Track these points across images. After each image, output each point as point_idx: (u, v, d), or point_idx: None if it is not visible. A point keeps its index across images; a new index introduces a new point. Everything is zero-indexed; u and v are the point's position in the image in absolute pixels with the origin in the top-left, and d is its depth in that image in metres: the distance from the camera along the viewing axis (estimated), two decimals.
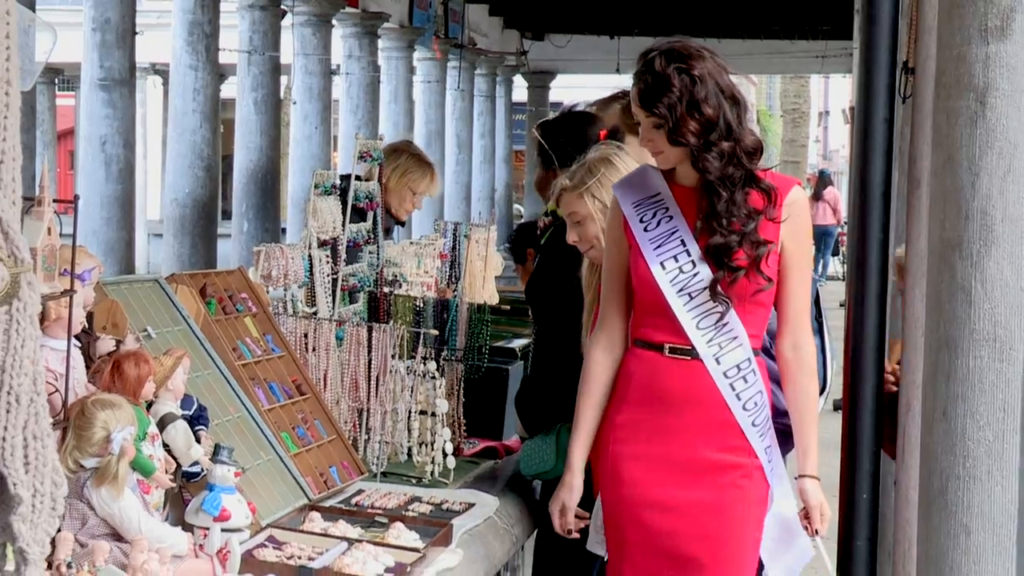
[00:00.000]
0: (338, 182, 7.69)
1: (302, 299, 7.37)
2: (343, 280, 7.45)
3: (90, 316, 5.10)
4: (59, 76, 31.14)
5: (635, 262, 4.85)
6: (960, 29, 3.77)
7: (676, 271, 4.71)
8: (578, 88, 23.92)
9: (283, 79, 20.27)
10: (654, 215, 4.81)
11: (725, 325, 4.69)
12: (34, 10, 3.73)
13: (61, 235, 4.49)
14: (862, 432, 5.45)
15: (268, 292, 7.19)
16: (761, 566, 5.09)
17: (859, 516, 5.43)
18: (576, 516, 5.15)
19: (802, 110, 43.92)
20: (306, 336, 7.03)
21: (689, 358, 4.72)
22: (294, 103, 21.06)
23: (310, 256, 7.41)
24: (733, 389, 4.68)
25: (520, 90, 36.96)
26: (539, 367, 7.25)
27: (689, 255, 4.72)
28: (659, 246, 4.77)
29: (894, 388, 5.64)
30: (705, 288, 4.66)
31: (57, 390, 4.61)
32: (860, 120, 5.84)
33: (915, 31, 5.75)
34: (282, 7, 19.26)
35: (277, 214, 19.12)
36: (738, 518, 4.75)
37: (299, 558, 5.25)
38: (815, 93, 42.60)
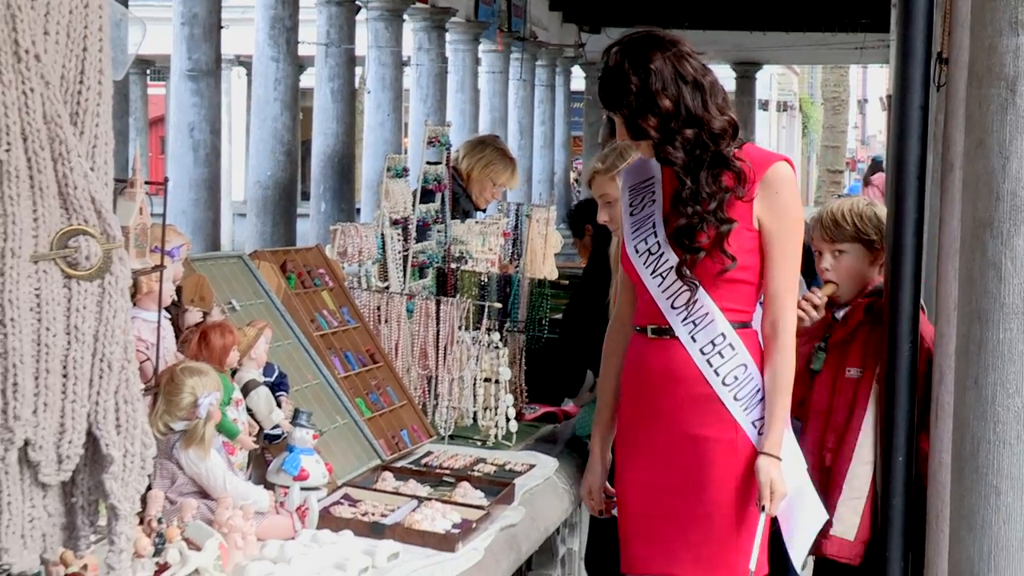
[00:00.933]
0: (409, 166, 7.76)
1: (375, 274, 7.39)
2: (413, 257, 7.46)
3: (179, 290, 5.12)
4: (150, 67, 31.24)
5: (623, 248, 4.80)
6: (992, 22, 3.73)
7: (647, 254, 4.62)
8: None
9: (358, 70, 20.28)
10: (641, 200, 4.73)
11: (696, 303, 4.56)
12: (126, 5, 3.74)
13: (152, 215, 4.51)
14: (899, 399, 5.42)
15: (344, 268, 7.22)
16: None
17: (895, 478, 5.40)
18: (605, 494, 5.10)
19: (842, 98, 43.78)
20: (379, 309, 7.05)
21: (668, 337, 4.62)
22: (368, 92, 21.06)
23: (383, 234, 7.44)
24: (710, 365, 4.56)
25: (578, 79, 37.07)
26: (563, 337, 7.39)
27: (656, 237, 4.61)
28: (636, 230, 4.70)
29: (804, 316, 5.52)
30: (672, 268, 4.56)
31: (148, 358, 4.63)
32: (897, 107, 5.81)
33: (949, 24, 5.70)
34: (357, 3, 19.27)
35: (352, 195, 19.13)
36: (725, 490, 4.61)
37: (372, 515, 5.26)
38: (854, 82, 42.46)
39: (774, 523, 4.80)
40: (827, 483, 5.41)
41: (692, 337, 4.53)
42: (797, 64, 40.68)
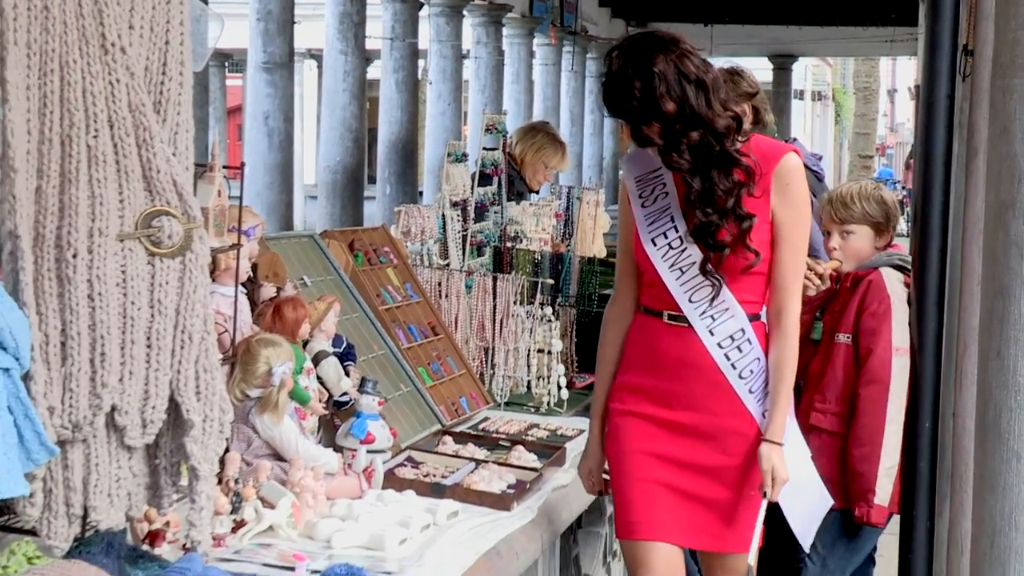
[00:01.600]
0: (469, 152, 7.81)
1: (436, 252, 7.41)
2: (472, 236, 7.49)
3: (255, 267, 5.14)
4: (228, 60, 31.31)
5: (636, 237, 4.53)
6: (1015, 15, 3.70)
7: (666, 247, 4.40)
8: None
9: (420, 62, 20.27)
10: (652, 191, 4.49)
11: (717, 298, 4.37)
12: (206, 1, 3.74)
13: (230, 197, 4.52)
14: (924, 369, 5.40)
15: (407, 246, 7.23)
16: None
17: (921, 443, 5.39)
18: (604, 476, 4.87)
19: (872, 88, 43.65)
20: (440, 285, 7.07)
21: (686, 325, 4.41)
22: (430, 83, 21.08)
23: (443, 215, 7.47)
24: (728, 359, 4.39)
25: None
26: None
27: (677, 232, 4.39)
28: (652, 223, 4.46)
29: (809, 284, 5.51)
30: (694, 264, 4.36)
31: (226, 330, 4.64)
32: (924, 96, 5.80)
33: (974, 18, 5.67)
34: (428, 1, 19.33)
35: (415, 179, 19.15)
36: (748, 476, 4.45)
37: (433, 476, 5.27)
38: (884, 73, 42.31)
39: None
40: (842, 455, 5.36)
41: (710, 331, 4.37)
42: (830, 56, 40.44)
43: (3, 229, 3.46)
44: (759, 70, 31.32)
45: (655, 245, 4.38)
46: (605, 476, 4.72)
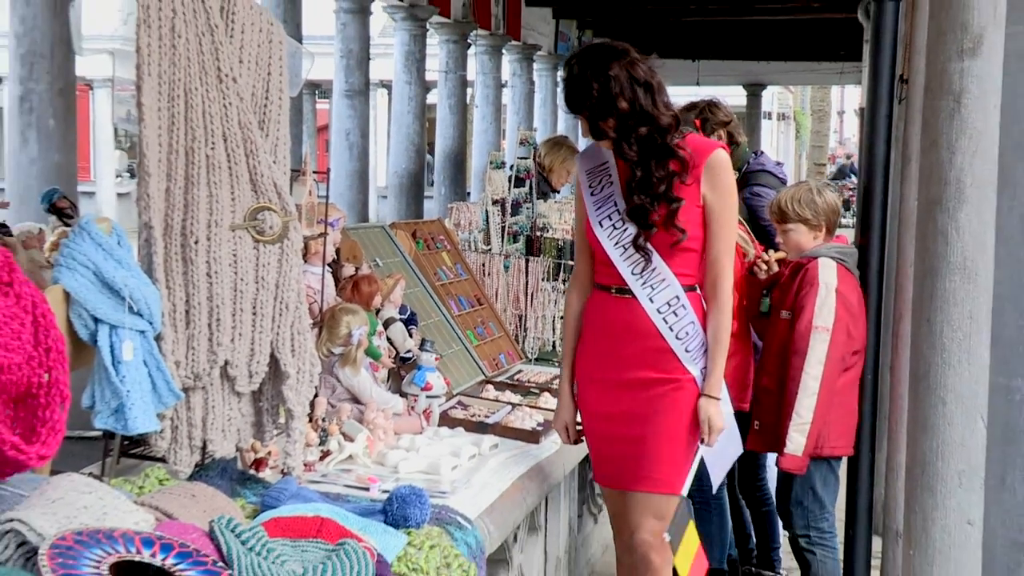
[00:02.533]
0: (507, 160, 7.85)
1: (481, 240, 7.44)
2: (508, 227, 7.48)
3: (338, 251, 5.15)
4: (318, 88, 31.26)
5: (587, 222, 4.34)
6: (943, 51, 3.67)
7: (611, 228, 4.22)
8: (670, 96, 23.70)
9: (468, 90, 20.29)
10: (599, 181, 4.31)
11: (654, 270, 4.15)
12: (301, 41, 3.74)
13: (318, 196, 4.53)
14: (868, 334, 5.37)
15: (458, 235, 7.25)
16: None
17: (865, 392, 5.34)
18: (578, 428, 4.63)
19: (825, 110, 43.53)
20: (483, 265, 7.08)
21: (631, 296, 4.21)
22: (476, 107, 21.10)
23: (486, 210, 7.49)
24: (666, 322, 4.18)
25: None
26: None
27: (619, 214, 4.20)
28: (599, 208, 4.28)
29: (759, 271, 5.53)
30: (632, 241, 4.18)
31: (315, 301, 4.65)
32: (868, 116, 5.77)
33: (909, 53, 5.66)
34: (468, 41, 19.28)
35: (464, 182, 19.17)
36: (668, 420, 4.20)
37: (478, 416, 5.28)
38: (835, 98, 42.15)
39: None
40: (778, 410, 5.33)
41: (650, 299, 4.17)
42: (792, 85, 40.25)
43: (140, 221, 3.47)
44: (735, 96, 31.27)
45: (602, 227, 4.22)
46: (579, 427, 4.52)
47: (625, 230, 4.15)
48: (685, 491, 4.20)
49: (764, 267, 5.49)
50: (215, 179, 3.49)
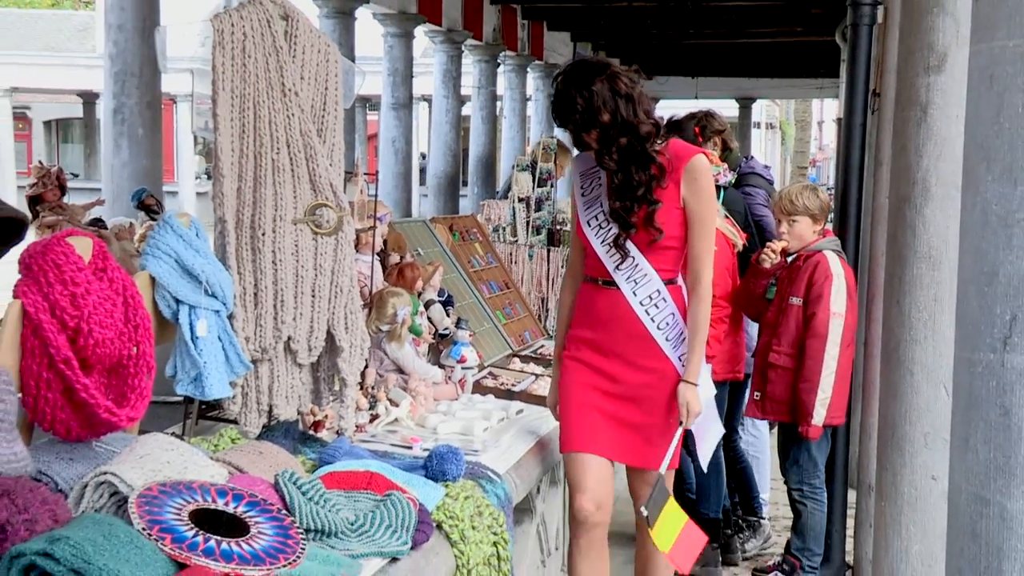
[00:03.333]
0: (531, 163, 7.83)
1: (508, 232, 7.42)
2: (532, 221, 7.46)
3: (385, 242, 5.15)
4: (368, 102, 31.27)
5: (577, 221, 4.15)
6: (911, 68, 3.65)
7: (598, 227, 4.02)
8: (672, 108, 23.69)
9: (497, 104, 20.28)
10: (591, 183, 4.10)
11: (637, 266, 3.95)
12: (353, 60, 3.72)
13: (369, 194, 4.52)
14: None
15: (488, 228, 7.24)
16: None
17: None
18: None
19: (807, 120, 43.37)
20: (511, 254, 7.09)
21: (614, 288, 4.01)
22: (504, 118, 21.12)
23: (513, 207, 7.48)
24: (648, 314, 3.98)
25: None
26: None
27: (604, 214, 4.00)
28: (588, 208, 4.08)
29: (767, 258, 5.45)
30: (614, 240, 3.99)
31: (366, 285, 4.64)
32: (845, 125, 5.75)
33: (881, 70, 5.62)
34: (497, 61, 19.29)
35: (494, 182, 19.13)
36: (648, 405, 4.00)
37: (506, 385, 5.28)
38: (815, 109, 42.00)
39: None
40: (792, 385, 5.32)
41: (633, 292, 3.98)
42: (778, 98, 40.07)
43: (215, 216, 3.48)
44: (728, 108, 31.14)
45: (590, 226, 4.04)
46: None
47: (609, 229, 3.98)
48: (663, 469, 3.96)
49: (771, 255, 5.46)
50: (279, 180, 3.49)
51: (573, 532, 4.18)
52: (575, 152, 4.19)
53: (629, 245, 3.91)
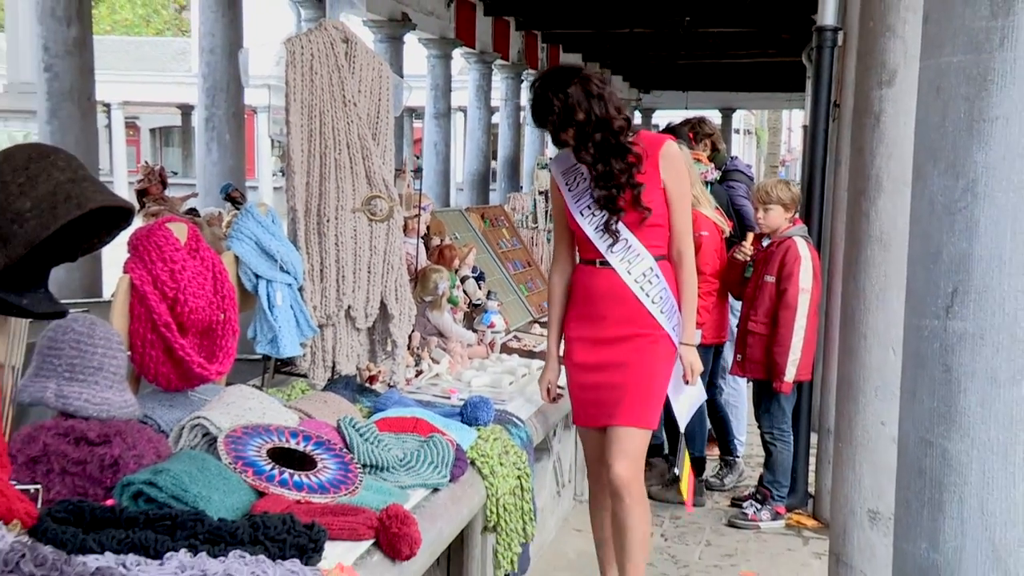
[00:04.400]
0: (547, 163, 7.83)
1: (530, 219, 7.39)
2: (550, 211, 7.45)
3: (428, 227, 5.11)
4: (414, 112, 31.25)
5: (567, 212, 3.80)
6: (866, 82, 3.60)
7: (591, 215, 3.70)
8: (667, 116, 23.50)
9: (521, 113, 20.18)
10: (574, 179, 3.76)
11: (630, 247, 3.67)
12: (402, 76, 3.70)
13: (414, 188, 4.51)
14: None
15: (514, 216, 7.22)
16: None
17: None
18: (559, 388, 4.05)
19: (777, 127, 42.99)
20: (532, 238, 7.08)
21: (610, 267, 3.70)
22: (527, 125, 21.06)
23: (534, 199, 7.43)
24: (643, 290, 3.68)
25: (638, 117, 36.55)
26: None
27: (593, 202, 3.69)
28: (578, 200, 3.76)
29: (740, 256, 5.44)
30: (607, 223, 3.73)
31: (412, 263, 4.63)
32: (810, 131, 5.73)
33: (840, 85, 5.58)
34: (521, 77, 19.19)
35: (518, 179, 19.08)
36: (644, 366, 3.69)
37: (528, 346, 5.27)
38: (785, 118, 41.73)
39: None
40: (768, 349, 5.30)
41: (628, 271, 3.68)
42: (754, 109, 39.81)
43: (287, 206, 3.47)
44: (713, 117, 31.00)
45: (582, 216, 3.74)
46: (560, 390, 3.97)
47: (601, 216, 3.71)
48: (655, 425, 3.76)
49: (744, 252, 5.47)
50: (341, 175, 3.48)
51: (588, 476, 4.11)
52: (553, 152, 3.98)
53: (620, 227, 3.68)
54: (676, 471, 3.62)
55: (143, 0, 36.87)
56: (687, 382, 3.74)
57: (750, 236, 5.55)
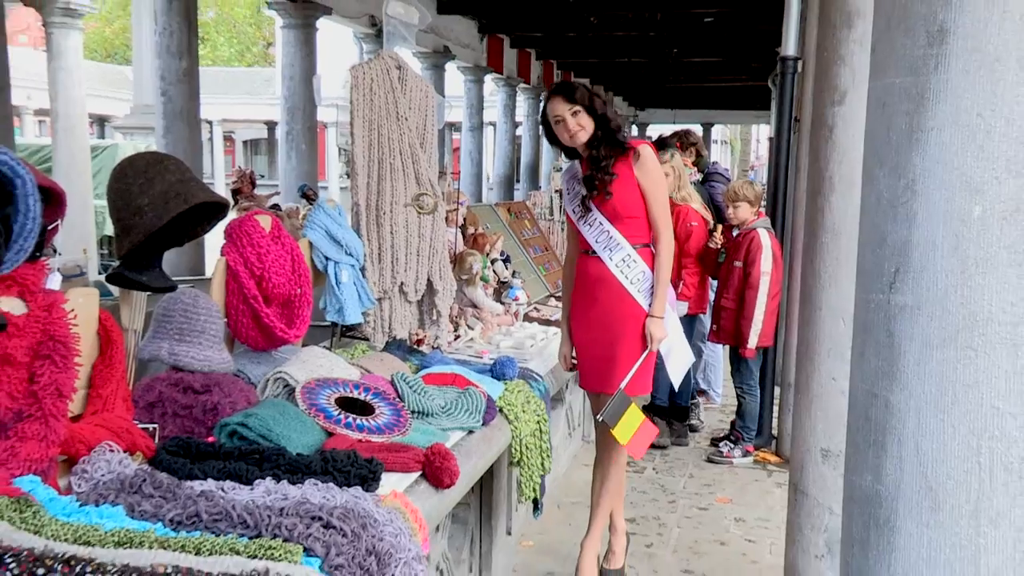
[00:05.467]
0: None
1: (548, 213, 7.34)
2: (563, 206, 7.43)
3: (464, 219, 5.09)
4: (453, 126, 31.20)
5: (566, 212, 3.72)
6: (821, 102, 3.54)
7: (581, 215, 3.56)
8: (658, 129, 23.31)
9: (540, 127, 20.09)
10: (573, 187, 3.63)
11: (611, 238, 3.54)
12: (444, 96, 3.67)
13: (454, 187, 4.48)
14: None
15: (535, 209, 7.18)
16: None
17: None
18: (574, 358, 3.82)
19: (748, 138, 42.60)
20: (548, 228, 7.02)
21: (596, 255, 3.54)
22: (544, 138, 20.96)
23: (551, 197, 7.38)
24: (622, 273, 3.53)
25: (634, 130, 36.24)
26: None
27: (582, 205, 3.56)
28: (571, 201, 3.63)
29: (714, 244, 5.41)
30: (594, 219, 3.57)
31: (452, 248, 4.61)
32: (775, 142, 5.66)
33: (800, 104, 5.51)
34: (540, 97, 19.09)
35: (537, 179, 18.99)
36: (628, 340, 3.52)
37: (545, 316, 5.24)
38: (754, 131, 41.33)
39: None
40: (736, 321, 5.27)
41: (610, 258, 3.55)
42: (729, 123, 39.41)
43: (352, 201, 3.46)
44: (696, 129, 30.70)
45: (575, 214, 3.60)
46: (574, 360, 3.77)
47: (586, 211, 3.57)
48: (642, 391, 3.61)
49: (716, 240, 5.47)
50: (394, 177, 3.47)
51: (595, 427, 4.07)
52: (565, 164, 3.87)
53: (603, 219, 3.55)
54: (600, 417, 3.42)
55: (238, 38, 36.95)
56: (646, 351, 3.54)
57: (719, 228, 5.53)
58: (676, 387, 3.98)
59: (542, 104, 3.56)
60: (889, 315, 1.40)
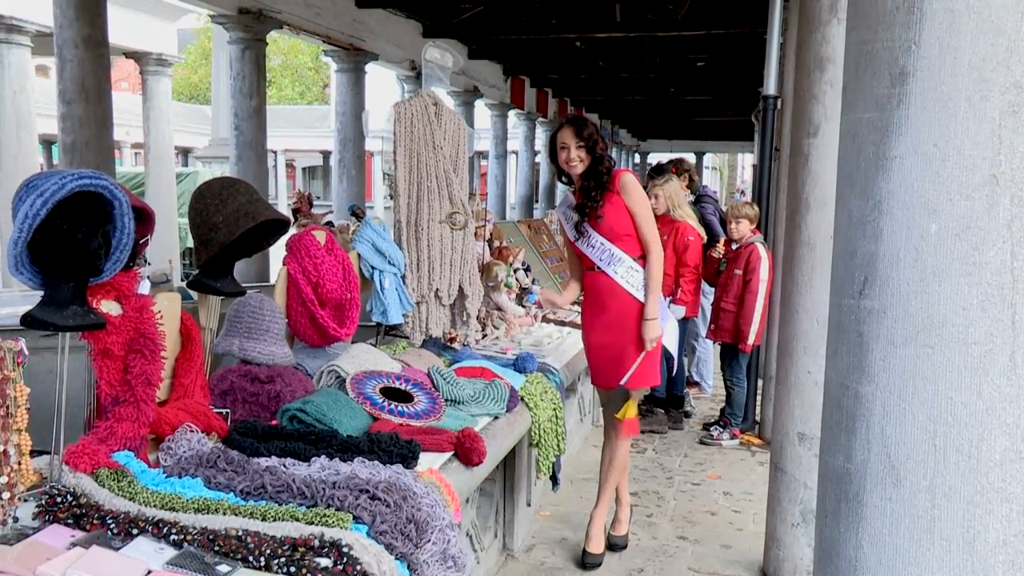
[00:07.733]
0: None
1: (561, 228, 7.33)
2: None
3: (491, 234, 5.09)
4: (481, 154, 31.21)
5: (567, 238, 3.63)
6: (798, 134, 3.51)
7: (581, 239, 3.48)
8: (657, 157, 23.25)
9: (547, 147, 20.03)
10: (568, 215, 3.54)
11: (613, 254, 3.47)
12: (473, 128, 3.68)
13: (482, 206, 4.46)
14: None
15: (552, 226, 7.16)
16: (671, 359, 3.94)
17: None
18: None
19: (734, 164, 42.37)
20: (563, 241, 7.00)
21: (602, 271, 3.47)
22: None
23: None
24: (627, 282, 3.44)
25: (636, 158, 36.15)
26: None
27: (577, 230, 3.50)
28: (571, 229, 3.53)
29: (715, 256, 5.39)
30: (594, 240, 3.49)
31: (480, 259, 4.60)
32: (759, 168, 5.61)
33: (779, 135, 5.47)
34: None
35: (553, 200, 18.93)
36: (636, 340, 3.43)
37: (561, 318, 5.21)
38: (740, 159, 41.07)
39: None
40: (736, 322, 5.24)
41: (615, 271, 3.46)
42: (718, 152, 39.20)
43: (394, 219, 3.46)
44: (690, 157, 30.57)
45: (574, 238, 3.52)
46: (555, 311, 3.79)
47: (582, 233, 3.51)
48: (624, 381, 3.52)
49: (718, 251, 5.48)
50: (431, 198, 3.47)
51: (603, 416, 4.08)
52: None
53: (602, 240, 3.49)
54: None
55: (300, 81, 37.35)
56: (644, 348, 3.47)
57: (722, 240, 5.54)
58: (675, 354, 3.84)
59: (555, 128, 3.53)
60: (859, 318, 1.39)
